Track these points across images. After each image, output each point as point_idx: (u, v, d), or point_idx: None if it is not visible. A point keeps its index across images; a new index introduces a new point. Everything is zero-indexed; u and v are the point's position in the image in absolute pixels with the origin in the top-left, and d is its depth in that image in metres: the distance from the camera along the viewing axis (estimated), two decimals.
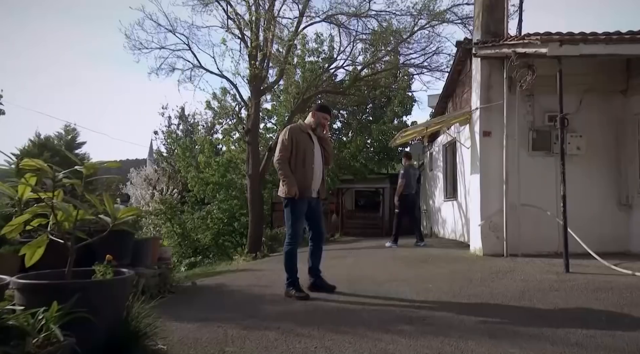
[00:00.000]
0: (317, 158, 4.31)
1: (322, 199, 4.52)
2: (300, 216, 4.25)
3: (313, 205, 4.32)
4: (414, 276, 5.28)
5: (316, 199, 4.34)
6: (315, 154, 4.30)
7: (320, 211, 4.43)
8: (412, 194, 9.13)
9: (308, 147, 4.26)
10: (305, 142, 4.27)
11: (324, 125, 4.39)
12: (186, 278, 6.53)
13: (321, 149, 4.39)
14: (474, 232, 7.20)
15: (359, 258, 7.39)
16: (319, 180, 4.32)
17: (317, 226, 4.40)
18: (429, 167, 13.58)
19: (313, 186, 4.26)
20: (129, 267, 4.08)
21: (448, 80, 10.41)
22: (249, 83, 10.67)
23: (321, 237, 4.43)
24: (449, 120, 8.35)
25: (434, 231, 12.84)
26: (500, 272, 5.33)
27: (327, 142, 4.48)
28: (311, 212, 4.33)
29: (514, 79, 6.25)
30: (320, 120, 4.37)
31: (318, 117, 4.39)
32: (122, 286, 2.49)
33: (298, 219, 4.24)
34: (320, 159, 4.34)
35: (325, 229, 4.54)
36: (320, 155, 4.36)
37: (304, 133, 4.34)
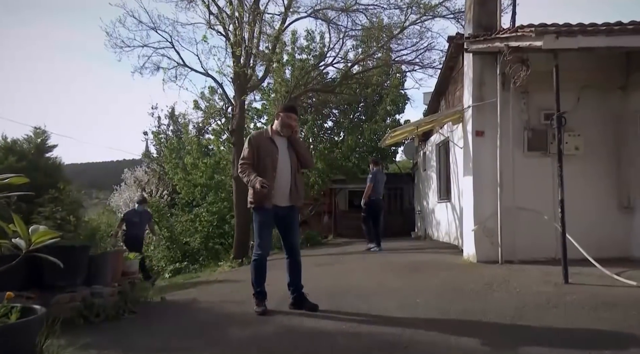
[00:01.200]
0: (283, 164, 3.95)
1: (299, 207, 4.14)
2: (263, 225, 3.92)
3: (282, 214, 3.95)
4: (403, 287, 4.91)
5: (286, 207, 3.97)
6: (281, 160, 3.94)
7: (292, 221, 4.05)
8: (379, 199, 9.31)
9: (271, 154, 3.92)
10: (267, 149, 3.93)
11: (291, 125, 4.01)
12: (162, 288, 6.15)
13: (290, 153, 4.02)
14: (468, 237, 6.83)
15: (347, 265, 7.01)
16: (286, 187, 3.95)
17: (289, 238, 4.04)
18: (422, 167, 13.21)
19: (277, 194, 3.90)
20: (83, 286, 3.71)
21: (440, 78, 10.03)
22: (232, 82, 10.27)
23: (294, 249, 4.07)
24: (441, 119, 7.98)
25: (428, 233, 12.48)
26: (495, 283, 4.96)
27: (298, 143, 4.11)
28: (280, 223, 3.97)
29: (508, 75, 5.87)
30: (285, 121, 4.00)
31: (282, 118, 4.02)
32: (26, 331, 2.06)
33: (262, 229, 3.93)
34: (289, 165, 3.97)
35: (298, 241, 4.17)
36: (289, 160, 3.99)
37: (266, 139, 3.98)
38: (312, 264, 7.40)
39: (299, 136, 4.20)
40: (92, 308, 3.47)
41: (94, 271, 3.78)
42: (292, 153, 4.01)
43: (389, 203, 17.99)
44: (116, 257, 4.28)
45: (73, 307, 3.36)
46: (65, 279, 3.46)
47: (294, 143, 4.04)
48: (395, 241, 12.20)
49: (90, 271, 3.75)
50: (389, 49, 12.91)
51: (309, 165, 4.27)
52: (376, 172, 9.20)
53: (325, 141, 14.95)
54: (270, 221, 3.92)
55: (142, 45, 11.51)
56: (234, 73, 10.01)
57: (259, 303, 3.91)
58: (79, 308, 3.40)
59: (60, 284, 3.44)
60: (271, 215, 3.90)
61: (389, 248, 9.93)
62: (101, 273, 3.87)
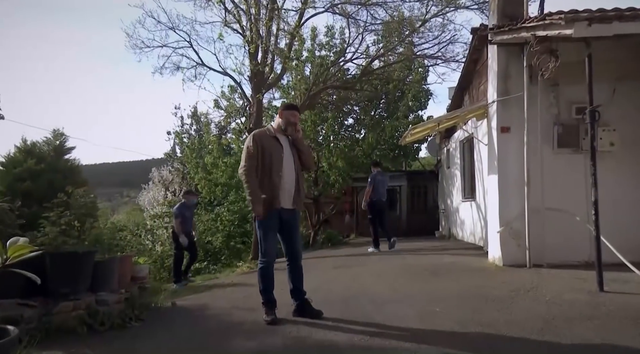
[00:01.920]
0: (288, 164, 3.78)
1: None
2: (268, 230, 3.75)
3: (285, 218, 3.77)
4: (421, 294, 4.64)
5: (290, 210, 3.78)
6: (285, 160, 3.76)
7: (295, 225, 3.88)
8: (381, 200, 9.34)
9: (276, 153, 3.74)
10: (272, 148, 3.75)
11: (294, 123, 3.83)
12: (176, 292, 6.07)
13: (293, 153, 3.83)
14: (493, 239, 6.49)
15: (364, 267, 6.77)
16: (290, 189, 3.77)
17: (290, 242, 3.86)
18: (446, 164, 12.80)
19: (282, 196, 3.73)
20: (88, 293, 3.62)
21: (464, 72, 9.63)
22: (249, 80, 10.14)
23: (296, 255, 3.88)
24: (464, 115, 7.63)
25: (452, 233, 12.09)
26: (522, 289, 4.64)
27: (300, 142, 3.92)
28: (283, 226, 3.79)
29: (535, 67, 5.50)
30: (289, 119, 3.82)
31: (285, 116, 3.85)
32: None
33: (267, 234, 3.75)
34: (292, 165, 3.80)
35: (300, 245, 3.97)
36: (292, 160, 3.81)
37: (271, 138, 3.80)
38: (330, 266, 7.22)
39: (302, 135, 4.01)
40: (96, 316, 3.37)
41: (99, 277, 3.69)
42: (294, 153, 3.84)
43: (412, 201, 17.64)
44: (124, 262, 4.18)
45: (76, 315, 3.26)
46: (69, 286, 3.38)
47: (297, 143, 3.86)
48: (418, 240, 11.89)
49: (96, 278, 3.66)
50: (410, 43, 12.55)
51: (310, 166, 4.09)
52: (375, 175, 9.27)
53: (346, 139, 14.69)
54: (275, 225, 3.75)
55: (162, 46, 11.52)
56: (251, 71, 9.87)
57: (268, 311, 3.74)
58: (83, 316, 3.30)
59: (63, 291, 3.35)
60: (276, 218, 3.72)
61: (410, 249, 9.65)
62: (107, 279, 3.77)
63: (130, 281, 4.27)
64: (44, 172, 6.98)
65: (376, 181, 9.17)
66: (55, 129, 7.69)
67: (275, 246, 3.81)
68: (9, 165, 7.14)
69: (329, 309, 4.09)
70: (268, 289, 3.77)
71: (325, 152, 13.72)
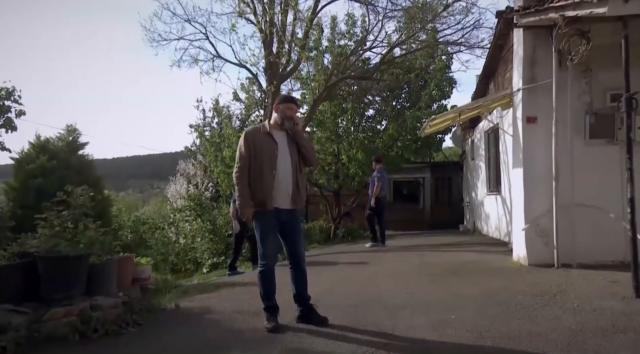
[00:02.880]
0: (284, 161, 3.53)
1: None
2: (266, 232, 3.52)
3: (285, 218, 3.53)
4: (437, 298, 4.34)
5: (289, 211, 3.54)
6: (281, 157, 3.52)
7: (295, 226, 3.63)
8: (385, 197, 9.45)
9: (269, 150, 3.50)
10: (266, 145, 3.51)
11: (291, 117, 3.57)
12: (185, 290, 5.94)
13: (291, 149, 3.58)
14: (518, 236, 6.09)
15: (381, 266, 6.49)
16: (287, 188, 3.53)
17: (291, 245, 3.62)
18: (471, 155, 12.31)
19: (278, 195, 3.49)
20: (83, 297, 3.49)
21: (488, 58, 9.12)
22: (264, 72, 9.90)
23: (298, 258, 3.63)
24: (487, 104, 7.18)
25: (477, 227, 11.64)
26: (547, 293, 4.28)
27: (300, 136, 3.65)
28: (283, 227, 3.56)
29: (564, 51, 5.04)
30: (285, 112, 3.57)
31: (281, 109, 3.60)
32: None
33: (264, 236, 3.53)
34: (289, 162, 3.54)
35: (303, 248, 3.72)
36: (289, 157, 3.56)
37: (265, 134, 3.56)
38: (346, 264, 6.97)
39: (301, 129, 3.73)
40: (89, 322, 3.23)
41: (96, 281, 3.55)
42: (293, 149, 3.58)
43: (436, 193, 17.16)
44: (124, 263, 4.05)
45: (68, 322, 3.12)
46: (61, 291, 3.25)
47: (296, 137, 3.60)
48: (441, 234, 11.51)
49: (92, 281, 3.52)
50: (433, 29, 12.01)
51: (312, 162, 3.81)
52: (382, 170, 9.24)
53: (366, 130, 14.30)
54: (273, 226, 3.52)
55: (178, 38, 11.40)
56: (265, 63, 9.63)
57: (269, 317, 3.53)
58: (75, 323, 3.17)
59: (56, 296, 3.22)
60: (273, 219, 3.49)
61: (431, 244, 9.31)
62: (104, 282, 3.63)
63: (131, 283, 4.14)
64: (56, 168, 7.02)
65: (384, 177, 9.17)
66: (68, 125, 7.68)
67: (274, 248, 3.58)
68: (23, 161, 7.21)
69: (338, 314, 3.86)
70: (269, 294, 3.56)
71: (345, 145, 13.39)
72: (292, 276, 3.66)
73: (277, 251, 3.61)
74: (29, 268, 3.22)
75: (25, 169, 6.77)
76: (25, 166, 6.84)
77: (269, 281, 3.56)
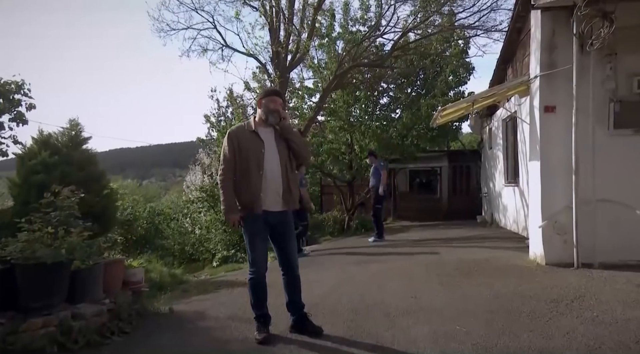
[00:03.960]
0: (271, 161, 3.28)
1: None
2: (254, 237, 3.30)
3: (274, 222, 3.30)
4: (444, 303, 4.06)
5: (279, 213, 3.30)
6: (268, 156, 3.27)
7: (287, 229, 3.39)
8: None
9: (255, 149, 3.26)
10: (250, 144, 3.27)
11: (275, 110, 3.30)
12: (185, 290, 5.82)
13: (280, 147, 3.33)
14: (534, 233, 5.73)
15: (388, 264, 6.22)
16: (277, 188, 3.28)
17: (283, 250, 3.39)
18: (488, 144, 11.84)
19: (267, 197, 3.26)
20: (66, 304, 3.34)
21: (506, 42, 8.61)
22: (271, 61, 9.63)
23: (291, 264, 3.40)
24: (503, 92, 6.75)
25: (494, 219, 11.22)
26: (564, 299, 3.96)
27: (288, 131, 3.38)
28: (273, 232, 3.33)
29: (585, 34, 4.62)
30: (268, 106, 3.31)
31: (264, 104, 3.34)
32: None
33: (253, 241, 3.31)
34: (277, 161, 3.30)
35: (296, 252, 3.48)
36: (278, 155, 3.31)
37: (249, 133, 3.32)
38: (352, 261, 6.72)
39: (290, 123, 3.45)
40: (69, 333, 3.07)
41: (79, 288, 3.39)
42: (282, 146, 3.32)
43: (454, 183, 16.70)
44: (113, 267, 3.89)
45: (46, 333, 2.98)
46: (40, 299, 3.10)
47: (284, 132, 3.34)
48: (457, 226, 11.15)
49: (75, 288, 3.37)
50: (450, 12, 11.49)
51: (304, 158, 3.54)
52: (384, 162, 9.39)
53: (380, 119, 13.91)
54: (262, 230, 3.29)
55: (186, 28, 11.24)
56: (272, 52, 9.35)
57: (259, 328, 3.32)
58: (54, 334, 3.02)
59: (34, 305, 3.07)
60: (262, 223, 3.26)
61: (444, 238, 9.00)
62: (89, 289, 3.48)
63: (122, 287, 3.98)
64: (58, 164, 6.91)
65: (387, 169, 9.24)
66: (71, 119, 7.57)
67: (264, 254, 3.35)
68: (25, 157, 7.13)
69: (335, 322, 3.64)
70: (260, 303, 3.35)
71: (357, 134, 13.05)
72: (285, 283, 3.44)
73: (267, 256, 3.38)
74: (7, 275, 3.08)
75: (27, 165, 6.66)
76: (27, 161, 6.72)
77: (260, 289, 3.35)
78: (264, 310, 3.37)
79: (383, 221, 9.86)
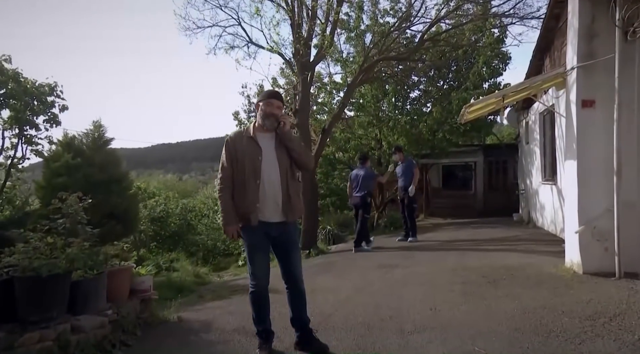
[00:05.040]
0: (270, 168, 3.06)
1: None
2: (254, 250, 3.12)
3: (275, 233, 3.09)
4: (465, 318, 3.76)
5: (280, 224, 3.09)
6: (266, 164, 3.06)
7: (289, 241, 3.18)
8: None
9: (252, 157, 3.05)
10: (247, 151, 3.07)
11: (272, 114, 3.08)
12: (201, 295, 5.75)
13: (279, 154, 3.11)
14: (570, 239, 5.29)
15: (411, 269, 5.92)
16: (276, 198, 3.07)
17: (285, 263, 3.19)
18: (525, 139, 11.20)
19: (265, 207, 3.05)
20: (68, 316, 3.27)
21: (543, 30, 8.05)
22: (293, 57, 9.41)
23: (294, 278, 3.19)
24: (537, 85, 6.25)
25: (531, 217, 10.61)
26: (602, 316, 3.57)
27: (288, 137, 3.13)
28: (274, 243, 3.14)
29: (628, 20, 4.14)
30: (266, 110, 3.09)
31: (261, 107, 3.13)
32: None
33: (252, 254, 3.13)
34: (277, 169, 3.08)
35: (300, 265, 3.25)
36: (277, 163, 3.09)
37: (246, 139, 3.11)
38: (374, 266, 6.44)
39: (290, 128, 3.22)
40: (67, 347, 3.01)
41: (80, 299, 3.33)
42: (282, 153, 3.10)
43: (490, 178, 16.03)
44: (120, 275, 3.82)
45: (42, 348, 2.91)
46: (38, 313, 3.04)
47: (283, 139, 3.11)
48: (491, 225, 10.64)
49: (76, 299, 3.30)
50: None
51: (307, 166, 3.29)
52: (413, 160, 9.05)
53: (410, 113, 13.45)
54: (261, 242, 3.10)
55: (212, 25, 11.17)
56: (294, 48, 9.13)
57: (261, 344, 3.15)
58: (51, 348, 2.95)
59: (32, 319, 3.02)
60: (261, 234, 3.07)
61: (475, 240, 8.57)
62: (91, 300, 3.40)
63: (129, 296, 3.91)
64: (80, 166, 7.00)
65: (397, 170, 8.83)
66: (94, 121, 7.66)
67: (265, 267, 3.15)
68: (50, 159, 7.27)
69: (344, 338, 3.43)
70: (261, 318, 3.17)
71: (384, 130, 12.68)
72: (288, 297, 3.25)
73: (268, 269, 3.19)
74: (8, 286, 3.04)
75: (51, 167, 6.78)
76: (52, 164, 6.84)
77: (261, 304, 3.17)
78: (265, 325, 3.19)
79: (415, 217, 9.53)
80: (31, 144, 10.19)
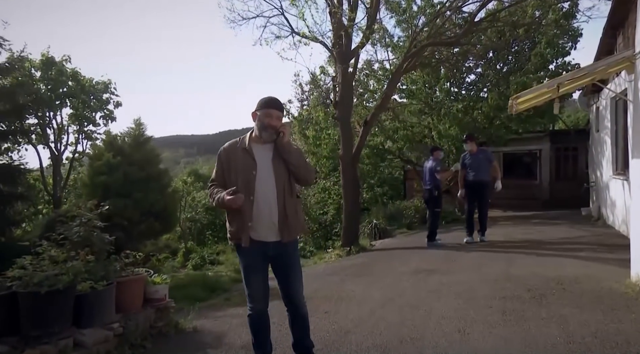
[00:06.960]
0: (265, 184, 2.76)
1: None
2: (249, 269, 2.86)
3: (273, 253, 2.82)
4: (496, 346, 3.31)
5: (277, 244, 2.80)
6: (261, 179, 2.76)
7: (288, 262, 2.88)
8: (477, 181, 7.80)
9: (245, 171, 2.77)
10: (241, 165, 2.79)
11: (272, 126, 2.76)
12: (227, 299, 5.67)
13: (277, 167, 2.80)
14: (637, 249, 4.56)
15: (448, 277, 5.43)
16: (271, 215, 2.77)
17: (285, 285, 2.92)
18: (595, 126, 10.06)
19: (260, 226, 2.77)
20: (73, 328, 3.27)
21: (615, 2, 7.02)
22: (332, 47, 9.00)
23: (294, 300, 2.92)
24: (599, 70, 5.40)
25: (602, 214, 9.55)
26: None
27: (286, 150, 2.79)
28: (273, 263, 2.89)
29: None
30: (263, 121, 2.77)
31: (259, 117, 2.80)
32: None
33: (248, 275, 2.89)
34: (273, 184, 2.77)
35: (301, 288, 2.95)
36: (273, 177, 2.78)
37: (240, 151, 2.83)
38: (411, 271, 6.03)
39: (289, 140, 2.88)
40: None
41: (86, 312, 3.30)
42: (279, 167, 2.79)
43: (557, 167, 14.74)
44: (132, 285, 3.77)
45: None
46: (39, 328, 3.04)
47: (282, 152, 2.80)
48: (555, 222, 9.76)
49: (82, 312, 3.28)
50: None
51: (305, 180, 2.93)
52: (465, 155, 8.02)
53: (466, 100, 12.57)
54: (257, 263, 2.83)
55: (256, 16, 11.07)
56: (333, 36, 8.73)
57: None
58: None
59: (34, 333, 3.02)
60: (257, 254, 2.81)
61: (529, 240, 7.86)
62: (97, 313, 3.36)
63: (143, 305, 3.87)
64: (120, 165, 7.22)
65: (466, 162, 7.86)
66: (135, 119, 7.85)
67: (262, 289, 2.91)
68: (94, 158, 7.57)
69: None
70: (261, 343, 2.96)
71: (434, 119, 11.96)
72: (289, 321, 3.01)
73: (266, 291, 2.95)
74: (12, 299, 3.07)
75: (94, 165, 7.05)
76: (95, 162, 7.12)
77: (259, 328, 2.95)
78: (265, 350, 2.97)
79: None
80: (91, 139, 10.78)
